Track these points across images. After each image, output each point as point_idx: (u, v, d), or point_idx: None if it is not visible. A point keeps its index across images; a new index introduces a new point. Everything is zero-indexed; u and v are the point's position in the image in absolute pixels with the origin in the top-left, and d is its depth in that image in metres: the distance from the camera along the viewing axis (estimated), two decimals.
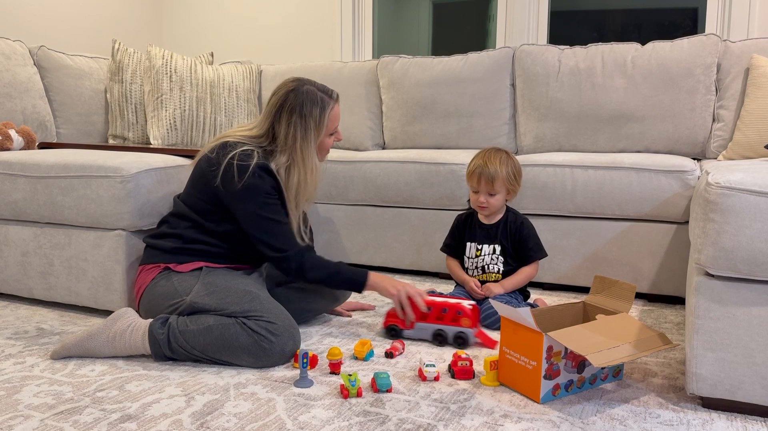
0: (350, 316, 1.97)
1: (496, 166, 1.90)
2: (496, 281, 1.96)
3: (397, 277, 2.49)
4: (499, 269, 1.97)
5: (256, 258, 1.77)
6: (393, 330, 1.75)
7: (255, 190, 1.63)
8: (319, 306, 1.88)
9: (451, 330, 1.70)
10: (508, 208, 2.02)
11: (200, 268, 1.67)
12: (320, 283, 1.71)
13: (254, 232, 1.66)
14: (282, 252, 1.66)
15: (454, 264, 2.06)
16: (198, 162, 1.73)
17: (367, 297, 2.20)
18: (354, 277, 1.71)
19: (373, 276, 1.71)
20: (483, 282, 1.96)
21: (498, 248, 1.97)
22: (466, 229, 2.04)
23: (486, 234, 1.99)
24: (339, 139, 1.81)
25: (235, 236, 1.70)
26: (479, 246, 1.99)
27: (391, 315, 1.76)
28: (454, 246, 2.07)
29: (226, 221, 1.69)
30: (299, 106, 1.68)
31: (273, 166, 1.68)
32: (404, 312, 1.71)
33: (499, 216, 2.00)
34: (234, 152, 1.64)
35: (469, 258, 2.01)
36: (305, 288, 1.84)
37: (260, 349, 1.51)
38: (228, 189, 1.64)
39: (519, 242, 1.97)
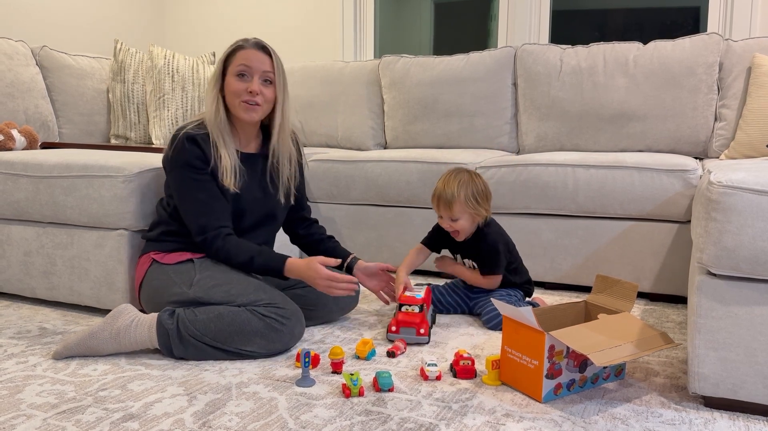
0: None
1: (453, 189, 1.79)
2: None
3: None
4: None
5: None
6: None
7: (177, 161, 1.64)
8: (321, 314, 1.85)
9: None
10: (480, 226, 1.91)
11: (190, 260, 1.67)
12: (240, 269, 1.65)
13: (180, 209, 1.67)
14: (200, 234, 1.65)
15: (415, 251, 1.98)
16: None
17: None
18: (271, 264, 1.65)
19: (290, 265, 1.65)
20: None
21: (471, 261, 1.96)
22: (446, 236, 1.96)
23: (460, 247, 1.96)
24: (251, 89, 1.63)
25: None
26: (457, 256, 2.00)
27: (393, 323, 1.71)
28: (432, 244, 2.02)
29: None
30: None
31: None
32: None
33: (468, 234, 1.91)
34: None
35: None
36: (305, 295, 1.80)
37: (272, 331, 1.54)
38: (163, 163, 1.70)
39: (478, 257, 1.93)
